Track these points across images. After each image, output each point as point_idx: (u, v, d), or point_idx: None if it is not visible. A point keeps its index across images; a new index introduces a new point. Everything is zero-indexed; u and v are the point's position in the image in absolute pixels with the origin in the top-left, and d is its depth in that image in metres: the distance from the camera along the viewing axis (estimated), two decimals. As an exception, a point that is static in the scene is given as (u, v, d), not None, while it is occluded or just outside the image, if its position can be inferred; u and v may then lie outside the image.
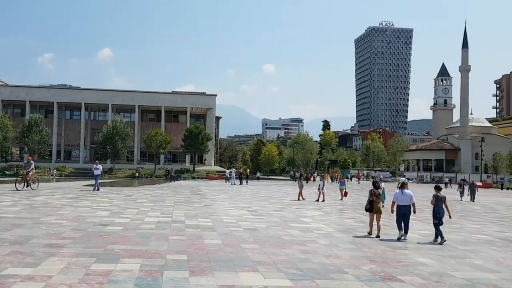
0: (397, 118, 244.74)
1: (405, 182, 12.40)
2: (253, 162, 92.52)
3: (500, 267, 8.72)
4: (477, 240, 12.38)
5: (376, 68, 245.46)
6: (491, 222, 17.57)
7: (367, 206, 12.30)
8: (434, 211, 11.68)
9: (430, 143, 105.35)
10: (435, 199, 11.74)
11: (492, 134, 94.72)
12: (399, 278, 7.35)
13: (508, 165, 79.20)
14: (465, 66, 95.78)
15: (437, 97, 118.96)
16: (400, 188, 11.96)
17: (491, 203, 29.18)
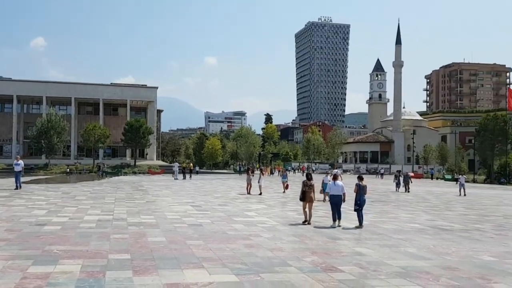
0: (336, 112, 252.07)
1: (337, 174, 13.33)
2: (196, 156, 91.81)
3: (431, 254, 9.32)
4: (410, 229, 13.13)
5: (315, 62, 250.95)
6: (422, 211, 18.66)
7: (300, 196, 13.33)
8: (356, 198, 12.77)
9: (366, 136, 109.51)
10: (358, 188, 12.85)
11: (422, 127, 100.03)
12: (339, 268, 7.67)
13: (437, 156, 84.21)
14: (398, 62, 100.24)
15: (373, 92, 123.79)
16: (333, 179, 13.03)
17: (423, 193, 30.96)
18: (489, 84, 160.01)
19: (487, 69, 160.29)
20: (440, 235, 12.03)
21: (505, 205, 23.36)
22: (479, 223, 15.20)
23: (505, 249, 10.22)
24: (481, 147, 68.02)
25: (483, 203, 24.57)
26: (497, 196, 30.90)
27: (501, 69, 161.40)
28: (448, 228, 13.61)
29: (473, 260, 8.85)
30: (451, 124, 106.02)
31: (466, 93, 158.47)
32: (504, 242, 11.33)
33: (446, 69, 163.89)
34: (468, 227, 13.90)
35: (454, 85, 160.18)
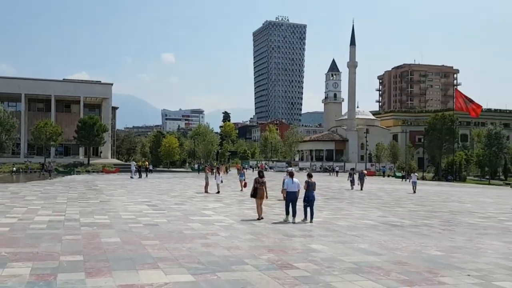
0: (293, 111, 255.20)
1: (292, 171, 13.98)
2: (153, 154, 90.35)
3: (383, 250, 9.66)
4: (363, 225, 13.53)
5: (273, 61, 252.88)
6: (375, 208, 19.26)
7: (251, 193, 13.77)
8: (305, 195, 13.37)
9: (321, 135, 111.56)
10: (307, 185, 13.46)
11: (375, 126, 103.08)
12: (295, 265, 7.81)
13: (389, 154, 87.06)
14: (353, 63, 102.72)
15: (328, 91, 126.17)
16: (289, 176, 13.39)
17: (375, 190, 31.92)
18: (437, 85, 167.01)
19: (436, 71, 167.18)
20: (391, 231, 12.47)
21: (452, 202, 24.52)
22: (428, 219, 15.88)
23: (451, 244, 10.73)
24: (429, 145, 71.00)
25: (431, 199, 25.67)
26: (444, 193, 32.35)
27: (449, 71, 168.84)
28: (399, 224, 14.14)
29: (422, 255, 9.24)
30: (402, 124, 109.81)
31: (416, 93, 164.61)
32: (451, 237, 11.89)
33: (398, 70, 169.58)
34: (417, 223, 14.49)
35: (405, 86, 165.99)
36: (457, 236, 12.06)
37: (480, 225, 14.54)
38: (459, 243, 10.85)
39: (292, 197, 13.16)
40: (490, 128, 73.50)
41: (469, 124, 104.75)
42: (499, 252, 9.85)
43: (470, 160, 73.84)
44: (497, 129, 71.50)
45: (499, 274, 7.73)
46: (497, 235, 12.53)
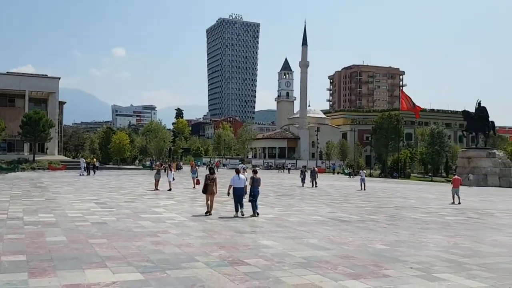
0: (246, 108, 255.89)
1: (239, 168, 15.01)
2: (102, 151, 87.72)
3: (331, 244, 9.93)
4: (313, 221, 13.84)
5: (226, 59, 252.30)
6: (324, 204, 19.73)
7: (203, 189, 14.32)
8: (251, 190, 14.00)
9: (274, 132, 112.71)
10: (252, 180, 14.16)
11: (326, 125, 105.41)
12: (246, 262, 7.88)
13: (338, 152, 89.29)
14: (305, 62, 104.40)
15: (281, 90, 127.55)
16: (236, 173, 14.07)
17: (325, 187, 32.66)
18: (384, 86, 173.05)
19: (383, 72, 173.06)
20: (339, 226, 12.83)
21: (396, 198, 25.51)
22: (374, 214, 16.46)
23: (396, 238, 11.19)
24: (376, 144, 73.50)
25: (378, 195, 26.59)
26: (390, 189, 33.62)
27: (395, 72, 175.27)
28: (347, 219, 14.56)
29: (368, 249, 9.58)
30: (351, 122, 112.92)
31: (365, 93, 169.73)
32: (395, 231, 12.39)
33: (347, 70, 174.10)
34: (364, 218, 14.99)
35: (354, 86, 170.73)
36: (401, 230, 12.58)
37: (422, 220, 15.24)
38: (403, 237, 11.33)
39: (239, 192, 13.80)
40: (433, 128, 77.11)
41: (414, 124, 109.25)
42: (440, 246, 10.38)
43: (414, 158, 77.07)
44: (439, 129, 75.11)
45: (439, 266, 8.15)
46: (438, 229, 13.19)
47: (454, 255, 9.24)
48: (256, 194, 14.13)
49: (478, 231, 13.11)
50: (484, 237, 11.96)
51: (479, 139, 53.38)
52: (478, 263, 8.54)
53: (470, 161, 49.07)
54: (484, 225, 14.63)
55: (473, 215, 17.42)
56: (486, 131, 51.80)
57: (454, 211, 18.67)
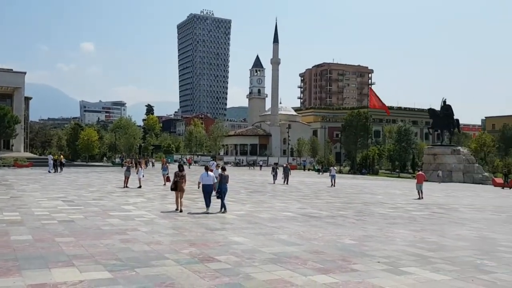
0: (218, 105, 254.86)
1: (209, 165, 15.51)
2: (70, 148, 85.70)
3: (301, 240, 10.04)
4: (283, 217, 13.95)
5: (198, 55, 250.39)
6: (295, 200, 19.91)
7: (172, 186, 14.42)
8: (218, 187, 14.19)
9: (246, 129, 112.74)
10: (220, 177, 14.35)
11: (297, 122, 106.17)
12: (216, 258, 7.88)
13: (309, 149, 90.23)
14: (276, 59, 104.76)
15: (252, 87, 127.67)
16: (205, 170, 14.33)
17: (296, 183, 32.91)
18: (354, 84, 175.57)
19: (352, 70, 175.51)
20: (309, 222, 12.98)
21: (365, 193, 26.00)
22: (343, 210, 16.73)
23: (363, 233, 11.41)
24: (346, 141, 74.69)
25: (347, 191, 27.03)
26: (359, 185, 34.22)
27: (364, 71, 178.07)
28: (317, 215, 14.75)
29: (337, 244, 9.74)
30: (322, 120, 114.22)
31: (335, 91, 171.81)
32: (363, 226, 12.64)
33: (318, 68, 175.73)
34: (333, 214, 15.22)
35: (324, 84, 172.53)
36: (369, 225, 12.84)
37: (389, 215, 15.60)
38: (371, 232, 11.57)
39: (208, 189, 14.02)
40: (400, 125, 78.94)
41: (382, 121, 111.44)
42: (406, 240, 10.65)
43: (382, 154, 78.61)
44: (406, 126, 76.93)
45: (405, 260, 8.37)
46: (404, 224, 13.53)
47: (420, 249, 9.51)
48: (224, 190, 14.32)
49: (443, 226, 13.52)
50: (449, 232, 12.34)
51: (444, 136, 54.92)
52: (442, 257, 8.81)
53: (435, 157, 50.45)
54: (448, 220, 15.09)
55: (438, 210, 17.95)
56: (451, 128, 53.35)
57: (420, 206, 19.18)
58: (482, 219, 15.75)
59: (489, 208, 20.03)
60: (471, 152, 59.79)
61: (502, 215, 17.39)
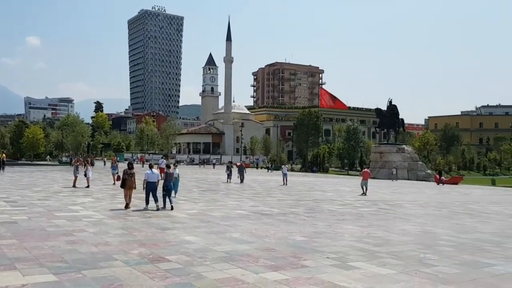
0: (170, 103, 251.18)
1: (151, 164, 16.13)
2: (14, 146, 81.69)
3: (253, 238, 10.11)
4: (236, 215, 13.98)
5: (149, 52, 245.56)
6: (247, 198, 20.00)
7: (121, 184, 14.83)
8: (164, 184, 14.51)
9: (199, 128, 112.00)
10: (166, 175, 14.82)
11: (250, 120, 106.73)
12: (167, 258, 7.79)
13: (262, 147, 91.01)
14: (229, 58, 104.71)
15: (205, 85, 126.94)
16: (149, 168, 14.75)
17: (249, 181, 33.01)
18: (305, 83, 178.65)
19: (304, 70, 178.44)
20: (261, 220, 13.09)
21: (315, 191, 26.54)
22: (294, 207, 17.00)
23: (314, 230, 11.65)
24: (298, 139, 76.00)
25: (298, 189, 27.48)
26: (310, 183, 34.88)
27: (315, 71, 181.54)
28: (269, 212, 14.90)
29: (288, 241, 9.89)
30: (274, 118, 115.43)
31: (287, 90, 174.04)
32: (313, 223, 12.90)
33: (270, 67, 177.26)
34: (285, 211, 15.43)
35: (277, 83, 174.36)
36: (319, 222, 13.13)
37: (338, 212, 16.01)
38: (321, 229, 11.83)
39: (152, 186, 14.27)
40: (349, 124, 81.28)
41: (332, 120, 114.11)
42: (354, 236, 10.97)
43: (332, 152, 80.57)
44: (354, 125, 79.31)
45: (353, 255, 8.63)
46: (352, 220, 13.93)
47: (367, 244, 9.82)
48: (170, 188, 14.69)
49: (389, 221, 14.04)
50: (394, 227, 12.83)
51: (390, 135, 56.98)
52: (388, 251, 9.16)
53: (382, 155, 52.25)
54: (394, 216, 15.69)
55: (384, 206, 18.61)
56: (397, 127, 55.43)
57: (367, 203, 19.81)
58: (425, 214, 16.49)
59: (431, 204, 21.00)
60: (415, 150, 62.37)
61: (443, 210, 18.29)
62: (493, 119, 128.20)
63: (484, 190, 35.55)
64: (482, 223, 14.60)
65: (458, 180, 46.17)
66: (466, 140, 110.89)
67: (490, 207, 20.41)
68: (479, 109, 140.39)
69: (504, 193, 33.45)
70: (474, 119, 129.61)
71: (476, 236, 11.64)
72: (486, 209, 19.57)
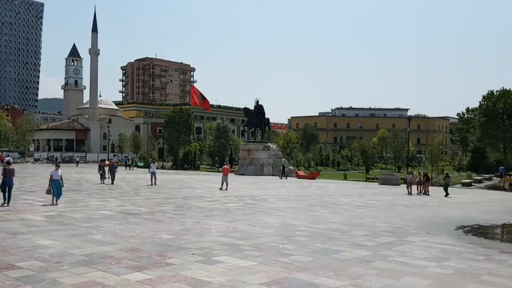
0: (28, 96, 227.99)
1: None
2: None
3: (117, 239, 9.79)
4: (99, 216, 13.36)
5: (3, 39, 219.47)
6: (113, 197, 19.22)
7: None
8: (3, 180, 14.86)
9: (61, 123, 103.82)
10: (4, 172, 15.00)
11: (118, 116, 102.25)
12: (18, 265, 7.16)
13: (131, 145, 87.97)
14: (95, 50, 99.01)
15: (69, 77, 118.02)
16: None
17: (116, 180, 31.43)
18: (177, 81, 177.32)
19: (175, 67, 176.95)
20: (127, 220, 12.72)
21: (185, 188, 26.61)
22: (163, 205, 16.84)
23: (181, 227, 11.71)
24: (169, 136, 75.22)
25: (168, 187, 27.24)
26: (180, 181, 34.81)
27: (187, 68, 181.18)
28: (136, 212, 14.53)
29: (154, 240, 9.80)
30: (144, 115, 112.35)
31: (158, 87, 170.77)
32: (181, 220, 12.95)
33: (141, 62, 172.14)
34: (153, 210, 15.20)
35: (147, 79, 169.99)
36: (187, 219, 13.23)
37: (207, 208, 16.30)
38: (188, 226, 11.95)
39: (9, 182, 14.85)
40: (219, 123, 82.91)
41: (203, 118, 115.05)
42: (220, 231, 11.31)
43: (203, 150, 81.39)
44: (224, 124, 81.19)
45: (218, 250, 8.90)
46: (220, 216, 14.32)
47: (231, 239, 10.21)
48: (9, 184, 14.88)
49: (253, 215, 14.73)
50: (257, 220, 13.51)
51: (258, 133, 59.52)
52: (250, 244, 9.64)
53: (249, 153, 54.35)
54: (258, 210, 16.50)
55: (250, 201, 19.46)
56: (263, 126, 58.12)
57: (234, 198, 20.50)
58: (286, 207, 17.66)
59: (292, 197, 22.54)
60: (279, 148, 66.06)
61: (302, 203, 19.77)
62: (345, 120, 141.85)
63: (337, 184, 39.23)
64: (334, 214, 16.16)
65: (315, 175, 50.15)
66: (323, 139, 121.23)
67: (342, 199, 22.65)
68: (334, 110, 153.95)
69: (354, 186, 37.33)
70: (330, 119, 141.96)
71: (328, 226, 12.86)
72: (338, 201, 21.68)
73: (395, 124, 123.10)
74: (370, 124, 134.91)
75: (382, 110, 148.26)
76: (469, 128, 69.76)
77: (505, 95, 48.35)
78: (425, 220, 15.45)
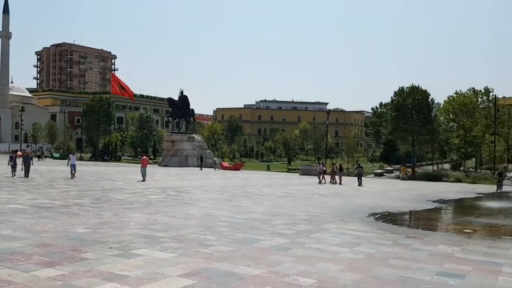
0: None
1: None
2: None
3: (27, 234, 9.22)
4: (9, 210, 12.50)
5: None
6: (25, 190, 18.06)
7: None
8: None
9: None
10: None
11: (32, 104, 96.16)
12: None
13: (46, 135, 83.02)
14: (6, 33, 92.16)
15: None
16: None
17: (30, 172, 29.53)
18: (97, 68, 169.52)
19: (95, 54, 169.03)
20: (39, 213, 12.03)
21: (105, 180, 25.67)
22: (80, 198, 16.13)
23: (99, 220, 11.30)
24: (88, 126, 71.85)
25: (86, 179, 26.10)
26: (99, 172, 33.50)
27: (107, 56, 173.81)
28: (49, 205, 13.78)
29: (68, 234, 9.36)
30: (61, 104, 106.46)
31: (76, 74, 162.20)
32: (99, 213, 12.50)
33: (57, 48, 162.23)
34: (68, 203, 14.51)
35: (64, 65, 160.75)
36: (105, 212, 12.79)
37: (127, 200, 15.87)
38: (106, 219, 11.56)
39: None
40: (142, 113, 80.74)
41: (125, 108, 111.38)
42: (140, 223, 11.08)
43: (125, 141, 78.82)
44: (147, 114, 79.22)
45: (137, 243, 8.72)
46: (140, 208, 14.01)
47: (151, 231, 10.05)
48: None
49: (175, 207, 14.60)
50: (179, 212, 13.42)
51: (182, 124, 58.87)
52: (171, 236, 9.56)
53: (174, 144, 53.65)
54: (181, 201, 16.38)
55: (173, 193, 19.26)
56: (188, 117, 57.60)
57: (157, 190, 20.17)
58: (209, 198, 17.70)
59: (215, 188, 22.64)
60: (204, 139, 65.89)
61: (225, 194, 19.94)
62: (269, 112, 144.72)
63: (261, 175, 40.02)
64: (256, 204, 16.50)
65: (240, 167, 50.76)
66: (247, 131, 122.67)
67: (264, 190, 23.17)
68: (258, 103, 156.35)
69: (276, 177, 38.29)
70: (254, 112, 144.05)
71: (249, 216, 13.11)
72: (261, 191, 22.14)
73: (315, 117, 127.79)
74: (292, 117, 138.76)
75: (303, 103, 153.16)
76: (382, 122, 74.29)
77: (414, 91, 52.00)
78: (340, 208, 16.28)
